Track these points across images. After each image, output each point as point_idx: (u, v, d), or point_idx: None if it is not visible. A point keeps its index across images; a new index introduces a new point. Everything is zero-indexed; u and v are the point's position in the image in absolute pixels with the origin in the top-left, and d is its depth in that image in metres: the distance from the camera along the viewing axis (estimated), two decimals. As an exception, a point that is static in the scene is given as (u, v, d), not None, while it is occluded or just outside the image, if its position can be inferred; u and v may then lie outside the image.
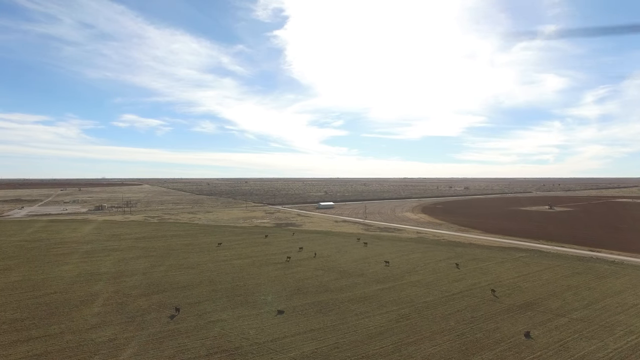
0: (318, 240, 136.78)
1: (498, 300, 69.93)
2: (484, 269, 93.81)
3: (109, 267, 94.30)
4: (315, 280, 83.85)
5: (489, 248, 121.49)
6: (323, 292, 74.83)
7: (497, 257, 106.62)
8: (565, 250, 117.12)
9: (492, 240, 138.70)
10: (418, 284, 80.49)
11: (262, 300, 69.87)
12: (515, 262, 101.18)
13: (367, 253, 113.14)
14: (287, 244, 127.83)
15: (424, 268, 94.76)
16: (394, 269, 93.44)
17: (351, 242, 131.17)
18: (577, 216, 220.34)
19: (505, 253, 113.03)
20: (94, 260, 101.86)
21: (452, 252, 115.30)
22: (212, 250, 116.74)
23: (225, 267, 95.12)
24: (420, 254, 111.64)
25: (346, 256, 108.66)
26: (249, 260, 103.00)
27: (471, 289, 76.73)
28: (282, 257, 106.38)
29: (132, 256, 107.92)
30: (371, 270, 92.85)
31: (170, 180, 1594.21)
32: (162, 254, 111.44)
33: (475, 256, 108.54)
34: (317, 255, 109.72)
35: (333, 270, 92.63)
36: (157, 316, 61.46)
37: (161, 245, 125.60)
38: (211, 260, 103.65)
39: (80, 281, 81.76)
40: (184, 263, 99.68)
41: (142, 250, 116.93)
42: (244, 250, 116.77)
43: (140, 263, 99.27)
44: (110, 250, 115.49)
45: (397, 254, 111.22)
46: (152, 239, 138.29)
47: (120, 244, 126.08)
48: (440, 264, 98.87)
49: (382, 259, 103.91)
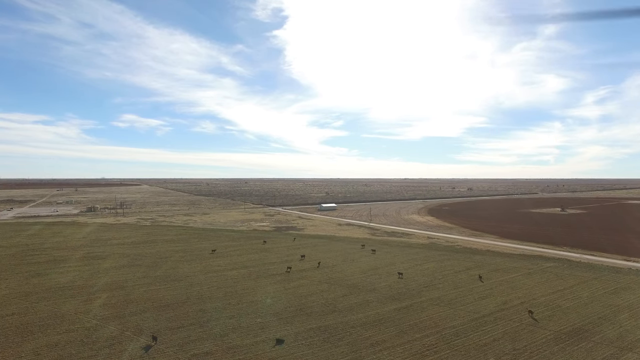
0: (321, 246, 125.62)
1: (539, 324, 58.73)
2: (511, 282, 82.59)
3: (85, 280, 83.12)
4: (321, 296, 72.70)
5: (509, 256, 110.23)
6: (330, 313, 63.67)
7: (523, 268, 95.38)
8: (597, 260, 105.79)
9: (510, 246, 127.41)
10: (439, 302, 69.32)
11: (259, 325, 58.71)
12: (544, 273, 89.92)
13: (376, 262, 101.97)
14: (288, 251, 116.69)
15: (442, 281, 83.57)
16: (409, 283, 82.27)
17: (357, 249, 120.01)
18: (594, 219, 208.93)
19: (530, 262, 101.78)
20: (70, 271, 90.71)
21: (470, 260, 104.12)
22: (204, 258, 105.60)
23: (217, 280, 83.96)
24: (436, 264, 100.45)
25: (353, 266, 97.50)
26: (245, 271, 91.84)
27: (503, 309, 65.54)
28: (282, 267, 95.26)
29: (115, 265, 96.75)
30: (383, 283, 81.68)
31: (170, 180, 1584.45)
32: (149, 263, 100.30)
33: (497, 266, 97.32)
34: (321, 264, 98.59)
35: (340, 283, 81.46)
36: (128, 348, 50.28)
37: (149, 252, 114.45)
38: (203, 270, 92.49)
39: (48, 298, 70.59)
40: (172, 274, 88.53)
41: (127, 258, 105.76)
42: (239, 259, 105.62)
43: (122, 274, 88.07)
44: (91, 259, 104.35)
45: (410, 264, 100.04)
46: (140, 244, 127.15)
47: (104, 251, 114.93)
48: (461, 276, 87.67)
49: (394, 270, 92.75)
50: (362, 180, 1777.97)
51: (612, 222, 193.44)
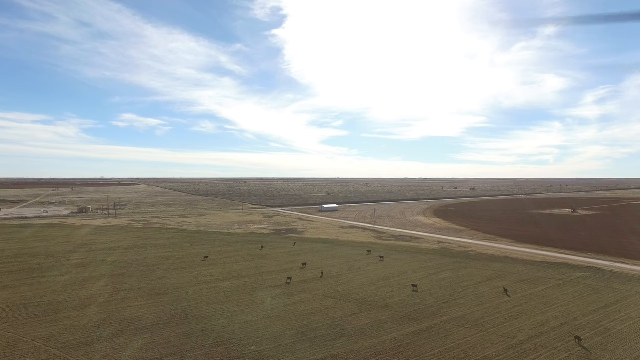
0: (324, 252, 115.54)
1: (592, 355, 48.65)
2: (542, 296, 72.55)
3: (56, 295, 72.99)
4: (326, 315, 62.66)
5: (532, 264, 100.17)
6: (338, 339, 53.60)
7: (550, 278, 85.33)
8: (631, 269, 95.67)
9: (529, 252, 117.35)
10: (465, 323, 59.28)
11: (253, 356, 48.65)
12: (577, 285, 79.88)
13: (385, 271, 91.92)
14: (287, 258, 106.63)
15: (463, 295, 73.52)
16: (426, 297, 72.23)
17: (363, 255, 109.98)
18: (609, 221, 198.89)
19: (556, 271, 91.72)
20: (43, 282, 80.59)
21: (490, 269, 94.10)
22: (195, 267, 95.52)
23: (208, 293, 73.86)
24: (452, 273, 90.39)
25: (361, 276, 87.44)
26: (239, 283, 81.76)
27: (542, 333, 55.49)
28: (281, 278, 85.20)
29: (95, 275, 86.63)
30: (396, 298, 71.63)
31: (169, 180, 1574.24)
32: (133, 272, 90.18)
33: (521, 276, 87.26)
34: (325, 274, 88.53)
35: (347, 298, 71.41)
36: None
37: (136, 259, 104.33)
38: (192, 281, 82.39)
39: (5, 319, 60.41)
40: (158, 286, 78.42)
41: (110, 266, 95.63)
42: (234, 267, 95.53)
43: (100, 287, 77.93)
44: (70, 267, 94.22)
45: (423, 273, 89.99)
46: (128, 250, 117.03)
47: (86, 258, 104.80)
48: (483, 289, 77.61)
49: (406, 281, 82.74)
50: (362, 180, 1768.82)
51: (629, 224, 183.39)
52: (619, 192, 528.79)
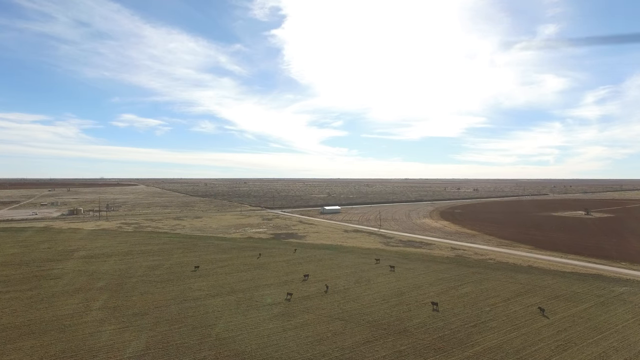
0: (327, 260, 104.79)
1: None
2: (586, 318, 61.74)
3: (14, 316, 62.10)
4: (333, 344, 51.91)
5: (561, 275, 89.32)
6: (350, 380, 42.83)
7: (589, 294, 74.51)
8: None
9: (554, 261, 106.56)
10: (504, 357, 48.49)
11: (241, 408, 37.89)
12: (624, 304, 69.03)
13: (398, 284, 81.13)
14: (287, 267, 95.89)
15: (493, 316, 62.73)
16: (449, 318, 61.43)
17: (372, 265, 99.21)
18: (630, 224, 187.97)
19: (593, 285, 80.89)
20: (3, 300, 69.78)
21: (515, 282, 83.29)
22: (184, 278, 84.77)
23: (194, 314, 63.09)
24: (474, 287, 79.61)
25: (371, 290, 76.67)
26: (233, 299, 70.99)
27: (603, 372, 44.72)
28: (280, 293, 74.45)
29: (68, 290, 75.86)
30: (415, 320, 60.85)
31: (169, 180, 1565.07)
32: (111, 285, 79.44)
33: (554, 291, 76.44)
34: (330, 288, 77.78)
35: (357, 320, 60.62)
36: None
37: (118, 269, 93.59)
38: (178, 297, 71.66)
39: (-54, 350, 49.71)
40: (136, 305, 67.66)
41: (87, 278, 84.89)
42: (227, 279, 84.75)
43: (70, 305, 67.12)
44: (40, 279, 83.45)
45: (442, 287, 79.19)
46: (111, 257, 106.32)
47: (62, 268, 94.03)
48: (514, 307, 66.83)
49: (423, 297, 72.00)
50: (362, 180, 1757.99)
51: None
52: (626, 194, 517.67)
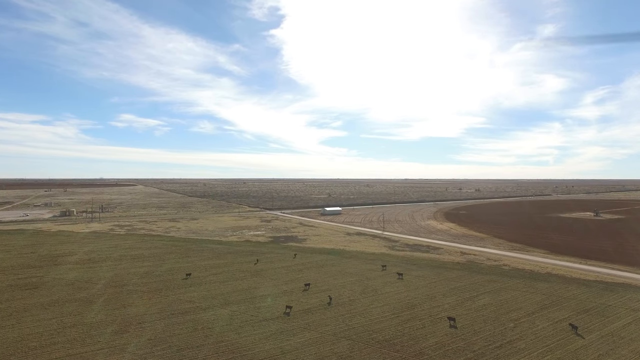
0: (330, 266, 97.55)
1: None
2: (628, 338, 54.55)
3: (-22, 333, 54.83)
4: (340, 371, 44.67)
5: (586, 285, 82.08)
6: (362, 422, 35.59)
7: (623, 308, 67.31)
8: None
9: (574, 267, 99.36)
10: (541, 388, 41.28)
11: None
12: (661, 318, 61.84)
13: (408, 295, 73.93)
14: (287, 275, 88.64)
15: (519, 334, 55.52)
16: (470, 337, 54.22)
17: (378, 272, 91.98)
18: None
19: (625, 297, 73.65)
20: (-30, 314, 62.52)
21: (536, 291, 76.11)
22: (174, 288, 77.53)
23: (181, 331, 55.83)
24: (491, 298, 72.42)
25: (379, 302, 69.45)
26: (225, 313, 63.72)
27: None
28: (278, 305, 67.21)
29: (43, 301, 68.58)
30: (431, 339, 53.64)
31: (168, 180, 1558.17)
32: (94, 296, 72.18)
33: (582, 303, 69.22)
34: (334, 299, 70.57)
35: (365, 339, 53.39)
36: None
37: (104, 276, 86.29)
38: (165, 310, 64.39)
39: None
40: (119, 319, 60.36)
41: (67, 287, 77.61)
42: (221, 289, 77.48)
43: (40, 321, 59.80)
44: (15, 289, 76.13)
45: (456, 298, 71.99)
46: (98, 263, 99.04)
47: (43, 275, 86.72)
48: (540, 323, 59.62)
49: (438, 310, 64.80)
50: (362, 180, 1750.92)
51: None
52: (630, 194, 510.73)
